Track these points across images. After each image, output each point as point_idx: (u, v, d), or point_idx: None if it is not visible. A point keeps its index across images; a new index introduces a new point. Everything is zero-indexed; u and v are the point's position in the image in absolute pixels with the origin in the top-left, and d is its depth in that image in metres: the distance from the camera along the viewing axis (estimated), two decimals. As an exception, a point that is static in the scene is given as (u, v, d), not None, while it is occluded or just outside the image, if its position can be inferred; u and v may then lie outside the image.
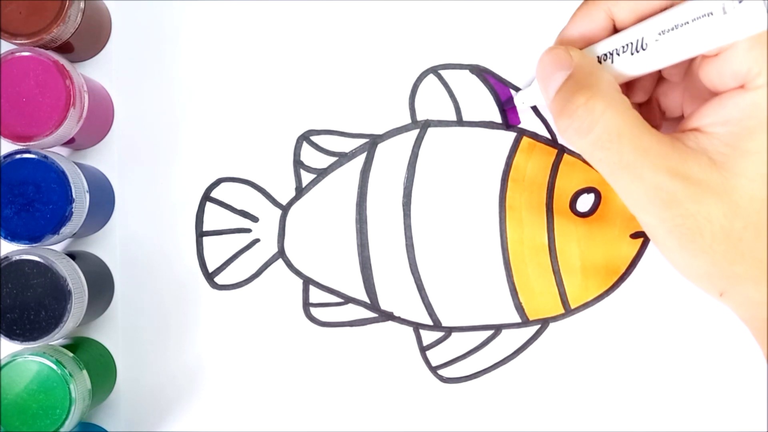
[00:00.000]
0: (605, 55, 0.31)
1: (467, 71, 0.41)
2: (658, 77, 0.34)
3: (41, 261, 0.35)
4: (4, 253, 0.36)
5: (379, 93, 0.41)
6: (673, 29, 0.28)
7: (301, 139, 0.41)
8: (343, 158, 0.42)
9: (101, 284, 0.40)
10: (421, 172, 0.41)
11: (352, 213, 0.41)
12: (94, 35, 0.40)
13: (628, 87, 0.34)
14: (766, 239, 0.28)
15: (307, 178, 0.42)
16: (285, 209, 0.42)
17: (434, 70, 0.41)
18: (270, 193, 0.42)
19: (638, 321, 0.41)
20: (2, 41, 0.36)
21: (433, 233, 0.41)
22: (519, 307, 0.41)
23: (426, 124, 0.41)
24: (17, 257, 0.35)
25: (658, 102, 0.35)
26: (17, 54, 0.36)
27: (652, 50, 0.29)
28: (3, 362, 0.35)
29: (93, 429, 0.40)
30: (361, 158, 0.41)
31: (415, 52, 0.41)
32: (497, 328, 0.41)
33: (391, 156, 0.41)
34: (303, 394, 0.41)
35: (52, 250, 0.37)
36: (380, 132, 0.41)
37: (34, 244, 0.36)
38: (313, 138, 0.41)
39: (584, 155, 0.30)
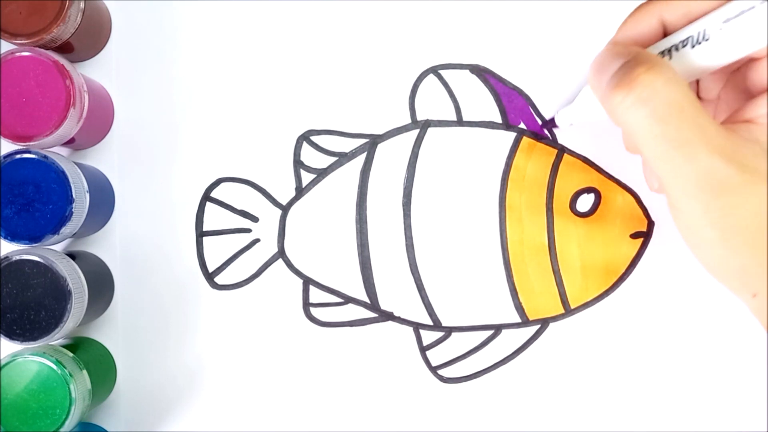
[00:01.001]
0: (662, 52, 0.30)
1: (467, 71, 0.41)
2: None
3: (41, 261, 0.35)
4: (4, 253, 0.36)
5: (379, 93, 0.41)
6: (738, 16, 0.27)
7: (301, 139, 0.41)
8: (343, 158, 0.42)
9: (101, 284, 0.40)
10: (421, 172, 0.41)
11: (352, 213, 0.41)
12: (94, 35, 0.40)
13: None
14: None
15: (307, 178, 0.42)
16: (285, 209, 0.42)
17: (434, 70, 0.41)
18: (270, 193, 0.42)
19: (638, 321, 0.41)
20: (2, 41, 0.36)
21: (433, 233, 0.41)
22: (519, 307, 0.41)
23: (426, 124, 0.41)
24: (17, 257, 0.35)
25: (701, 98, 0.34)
26: (17, 54, 0.36)
27: (716, 40, 0.28)
28: (3, 362, 0.35)
29: (93, 429, 0.40)
30: (361, 158, 0.41)
31: (415, 52, 0.41)
32: (497, 328, 0.41)
33: (391, 156, 0.41)
34: (303, 394, 0.41)
35: (52, 250, 0.37)
36: (380, 132, 0.41)
37: (34, 244, 0.36)
38: (313, 138, 0.41)
39: (637, 131, 0.28)
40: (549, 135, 0.41)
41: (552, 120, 0.38)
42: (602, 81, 0.29)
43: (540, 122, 0.40)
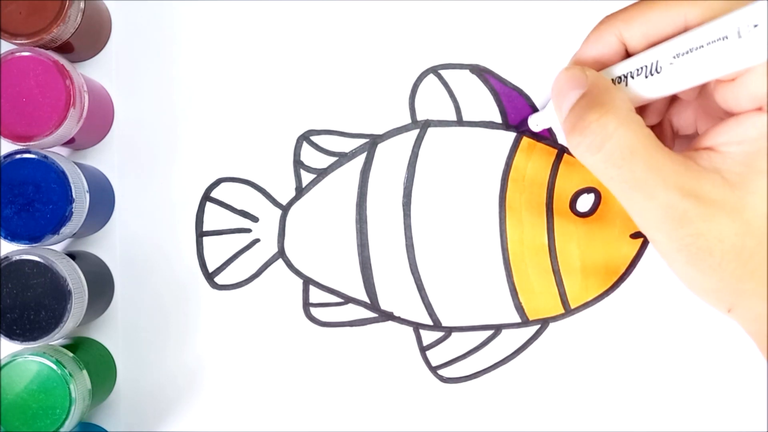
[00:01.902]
0: (619, 78, 0.31)
1: (467, 71, 0.41)
2: (671, 98, 0.34)
3: (41, 261, 0.35)
4: (4, 253, 0.36)
5: (379, 93, 0.41)
6: (687, 53, 0.28)
7: (301, 139, 0.41)
8: (343, 158, 0.42)
9: (101, 284, 0.40)
10: (421, 172, 0.41)
11: (352, 213, 0.41)
12: (94, 35, 0.40)
13: (641, 109, 0.34)
14: None
15: (307, 178, 0.42)
16: (285, 209, 0.42)
17: (434, 70, 0.41)
18: (270, 193, 0.42)
19: (638, 321, 0.41)
20: (2, 41, 0.36)
21: (433, 233, 0.41)
22: (519, 307, 0.41)
23: (426, 124, 0.41)
24: (17, 257, 0.35)
25: (670, 121, 0.35)
26: (17, 54, 0.36)
27: (667, 74, 0.29)
28: (3, 362, 0.35)
29: (93, 429, 0.40)
30: (361, 158, 0.41)
31: (415, 52, 0.41)
32: (497, 328, 0.41)
33: (391, 156, 0.41)
34: (303, 394, 0.41)
35: (52, 250, 0.37)
36: (380, 132, 0.41)
37: (34, 244, 0.36)
38: (313, 138, 0.41)
39: (596, 173, 0.30)
40: (549, 135, 0.41)
41: (525, 121, 0.39)
42: (561, 109, 0.31)
43: (517, 123, 0.41)
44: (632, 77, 0.30)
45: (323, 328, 0.41)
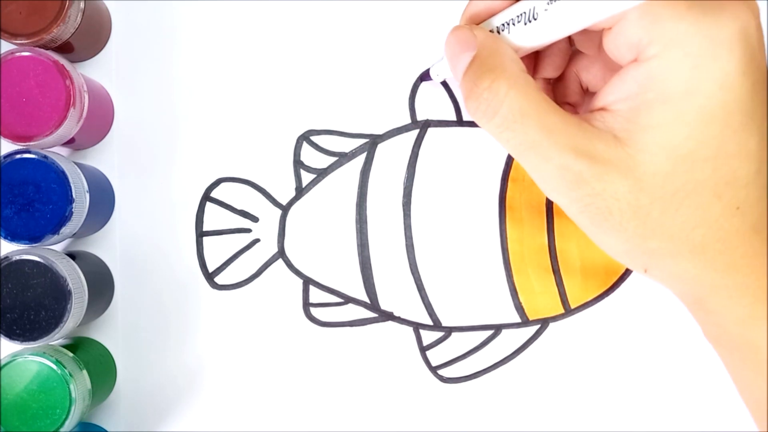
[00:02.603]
0: (502, 25, 0.30)
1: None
2: (572, 52, 0.34)
3: (41, 261, 0.35)
4: (4, 253, 0.36)
5: (379, 93, 0.41)
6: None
7: (301, 139, 0.42)
8: (343, 158, 0.42)
9: (101, 284, 0.40)
10: (421, 172, 0.41)
11: (352, 213, 0.41)
12: (94, 35, 0.40)
13: (537, 61, 0.33)
14: (672, 213, 0.27)
15: (307, 178, 0.42)
16: (285, 209, 0.42)
17: (434, 70, 0.41)
18: (270, 193, 0.42)
19: (638, 321, 0.41)
20: (2, 41, 0.36)
21: (433, 233, 0.41)
22: (519, 307, 0.41)
23: (426, 124, 0.41)
24: (17, 257, 0.35)
25: (578, 77, 0.34)
26: (17, 54, 0.36)
27: (543, 20, 0.28)
28: (3, 362, 0.35)
29: (93, 429, 0.40)
30: (361, 158, 0.41)
31: (415, 53, 0.41)
32: (497, 328, 0.41)
33: (391, 156, 0.41)
34: (303, 394, 0.41)
35: (52, 250, 0.37)
36: (380, 132, 0.41)
37: (34, 244, 0.36)
38: (313, 138, 0.42)
39: (494, 137, 0.29)
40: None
41: (427, 72, 0.39)
42: (456, 73, 0.31)
43: (422, 79, 0.41)
44: (513, 24, 0.30)
45: (323, 328, 0.41)
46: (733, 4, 0.26)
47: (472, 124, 0.41)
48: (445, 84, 0.41)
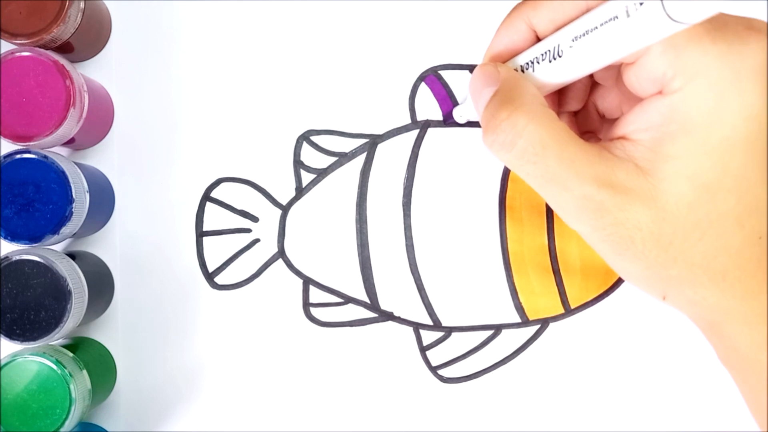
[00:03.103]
0: (527, 64, 0.31)
1: (467, 71, 0.41)
2: (591, 83, 0.34)
3: (41, 261, 0.35)
4: (4, 253, 0.36)
5: (379, 93, 0.41)
6: (584, 35, 0.28)
7: (301, 139, 0.42)
8: (343, 158, 0.42)
9: (101, 284, 0.40)
10: (421, 172, 0.41)
11: (352, 213, 0.41)
12: (94, 35, 0.40)
13: (561, 96, 0.34)
14: (694, 242, 0.28)
15: (307, 178, 0.42)
16: (285, 209, 0.42)
17: (434, 70, 0.41)
18: (270, 193, 0.42)
19: (638, 321, 0.41)
20: (2, 41, 0.36)
21: (433, 233, 0.41)
22: (519, 307, 0.41)
23: (426, 124, 0.41)
24: (17, 257, 0.35)
25: (596, 106, 0.35)
26: (17, 54, 0.36)
27: (568, 57, 0.29)
28: (3, 362, 0.35)
29: (93, 429, 0.40)
30: (361, 158, 0.41)
31: (415, 52, 0.41)
32: (497, 328, 0.41)
33: (391, 156, 0.41)
34: (303, 394, 0.41)
35: (52, 250, 0.37)
36: (380, 132, 0.41)
37: (34, 244, 0.36)
38: (313, 138, 0.42)
39: (513, 170, 0.30)
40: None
41: (450, 113, 0.39)
42: (478, 108, 0.31)
43: (443, 117, 0.41)
44: (538, 63, 0.30)
45: (323, 328, 0.41)
46: (756, 36, 0.27)
47: (472, 124, 0.41)
48: (445, 84, 0.41)
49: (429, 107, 0.41)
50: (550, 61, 0.29)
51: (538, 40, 0.31)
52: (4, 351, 0.37)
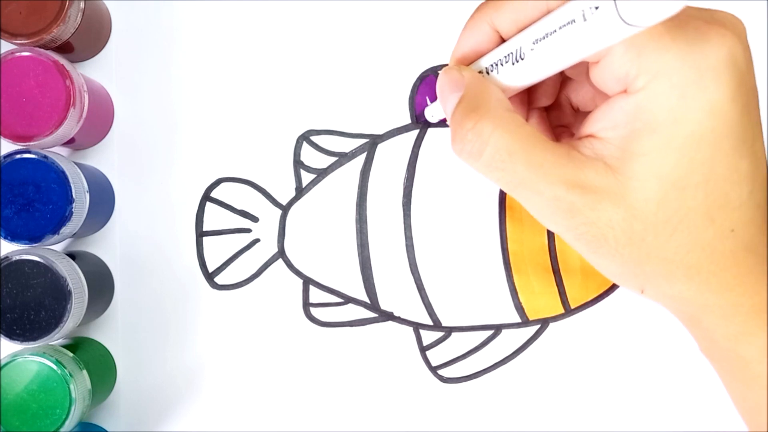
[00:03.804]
0: (491, 66, 0.31)
1: (467, 71, 0.41)
2: (562, 78, 0.34)
3: (41, 261, 0.35)
4: (4, 253, 0.36)
5: (379, 93, 0.41)
6: (544, 38, 0.28)
7: (301, 139, 0.42)
8: (343, 158, 0.42)
9: (101, 284, 0.40)
10: (421, 172, 0.41)
11: (352, 213, 0.41)
12: (94, 35, 0.40)
13: (531, 93, 0.34)
14: (666, 238, 0.28)
15: (307, 178, 0.42)
16: (285, 209, 0.42)
17: (434, 70, 0.41)
18: (270, 193, 0.42)
19: (638, 321, 0.41)
20: (2, 41, 0.36)
21: (433, 233, 0.41)
22: (519, 307, 0.41)
23: (426, 124, 0.41)
24: (17, 257, 0.35)
25: (569, 100, 0.35)
26: (17, 54, 0.36)
27: (530, 60, 0.29)
28: (3, 362, 0.35)
29: (93, 429, 0.40)
30: (361, 158, 0.41)
31: (415, 52, 0.41)
32: (497, 328, 0.41)
33: (391, 156, 0.41)
34: (303, 394, 0.41)
35: (52, 250, 0.37)
36: (380, 132, 0.41)
37: (34, 244, 0.36)
38: (313, 138, 0.42)
39: (484, 176, 0.30)
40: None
41: (422, 113, 0.39)
42: (446, 114, 0.31)
43: (416, 116, 0.41)
44: (501, 65, 0.30)
45: (323, 328, 0.41)
46: (718, 30, 0.27)
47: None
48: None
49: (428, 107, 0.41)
50: (513, 64, 0.29)
51: (503, 41, 0.31)
52: (4, 351, 0.37)
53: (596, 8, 0.25)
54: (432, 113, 0.38)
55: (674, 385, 0.41)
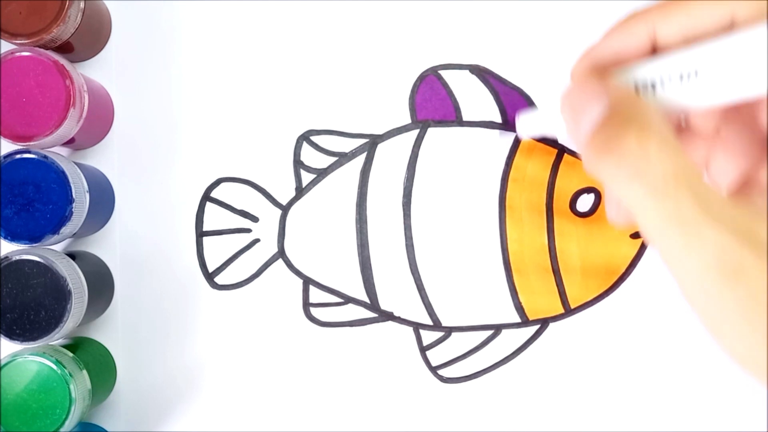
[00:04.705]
0: (646, 81, 0.26)
1: (467, 71, 0.41)
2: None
3: (41, 261, 0.35)
4: (4, 253, 0.36)
5: (379, 93, 0.41)
6: (731, 58, 0.23)
7: (301, 139, 0.41)
8: (343, 158, 0.42)
9: (101, 284, 0.40)
10: (421, 172, 0.41)
11: (352, 213, 0.41)
12: (94, 35, 0.40)
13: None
14: None
15: (307, 178, 0.42)
16: (285, 209, 0.42)
17: (434, 70, 0.41)
18: (270, 193, 0.42)
19: (638, 321, 0.41)
20: (2, 41, 0.36)
21: (433, 233, 0.41)
22: (519, 307, 0.41)
23: (426, 124, 0.41)
24: (17, 257, 0.35)
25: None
26: (17, 54, 0.36)
27: (705, 78, 0.24)
28: (3, 362, 0.35)
29: (93, 429, 0.40)
30: (361, 158, 0.41)
31: (415, 52, 0.41)
32: (497, 328, 0.41)
33: (391, 156, 0.41)
34: (303, 394, 0.41)
35: (52, 250, 0.37)
36: (380, 132, 0.41)
37: (34, 244, 0.36)
38: (313, 138, 0.41)
39: (629, 203, 0.24)
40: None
41: (511, 126, 0.35)
42: (579, 126, 0.26)
43: (499, 129, 0.38)
44: (667, 81, 0.25)
45: (323, 328, 0.41)
46: None
47: (472, 124, 0.41)
48: (444, 84, 0.41)
49: (429, 107, 0.41)
50: (681, 79, 0.25)
51: (653, 53, 0.26)
52: (4, 351, 0.37)
53: None
54: (528, 127, 0.32)
55: (674, 385, 0.41)
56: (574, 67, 0.28)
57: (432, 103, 0.41)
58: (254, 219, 0.42)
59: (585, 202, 0.41)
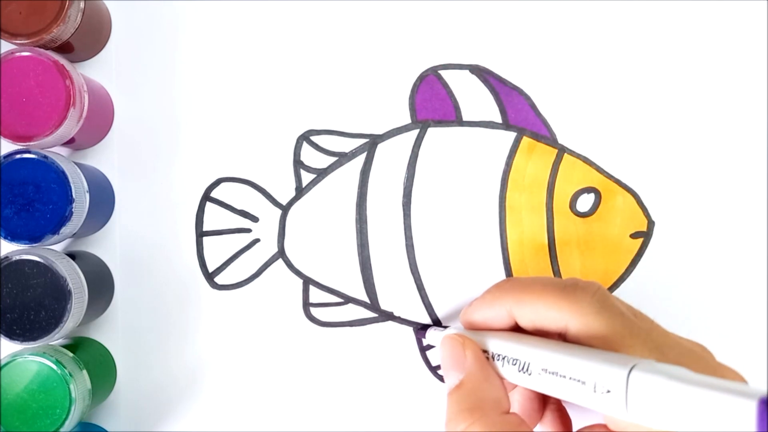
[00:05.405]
0: (497, 356, 0.32)
1: (467, 71, 0.41)
2: None
3: (41, 261, 0.35)
4: (4, 253, 0.36)
5: (379, 93, 0.41)
6: (554, 374, 0.29)
7: (301, 139, 0.41)
8: (343, 158, 0.42)
9: (101, 284, 0.40)
10: (421, 172, 0.41)
11: (352, 213, 0.41)
12: (94, 35, 0.40)
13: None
14: None
15: (307, 178, 0.42)
16: (285, 209, 0.42)
17: (434, 70, 0.41)
18: (270, 193, 0.42)
19: (638, 321, 0.41)
20: (2, 41, 0.36)
21: (433, 233, 0.41)
22: (519, 307, 0.41)
23: (426, 124, 0.41)
24: (17, 257, 0.35)
25: None
26: (17, 54, 0.36)
27: (536, 379, 0.30)
28: (3, 362, 0.35)
29: (93, 429, 0.40)
30: (361, 158, 0.41)
31: (415, 52, 0.41)
32: (497, 328, 0.41)
33: (391, 156, 0.41)
34: (303, 394, 0.41)
35: (52, 250, 0.37)
36: (380, 132, 0.41)
37: (34, 244, 0.36)
38: (313, 138, 0.41)
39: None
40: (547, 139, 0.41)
41: (424, 330, 0.40)
42: (445, 382, 0.33)
43: (415, 332, 0.41)
44: (508, 363, 0.31)
45: (323, 328, 0.41)
46: None
47: (472, 124, 0.41)
48: (444, 84, 0.41)
49: (429, 107, 0.41)
50: (519, 372, 0.30)
51: (517, 325, 0.32)
52: (4, 351, 0.37)
53: (608, 392, 0.26)
54: (433, 339, 0.39)
55: (674, 385, 0.41)
56: (461, 315, 0.35)
57: (432, 103, 0.41)
58: (254, 219, 0.42)
59: (585, 202, 0.41)
